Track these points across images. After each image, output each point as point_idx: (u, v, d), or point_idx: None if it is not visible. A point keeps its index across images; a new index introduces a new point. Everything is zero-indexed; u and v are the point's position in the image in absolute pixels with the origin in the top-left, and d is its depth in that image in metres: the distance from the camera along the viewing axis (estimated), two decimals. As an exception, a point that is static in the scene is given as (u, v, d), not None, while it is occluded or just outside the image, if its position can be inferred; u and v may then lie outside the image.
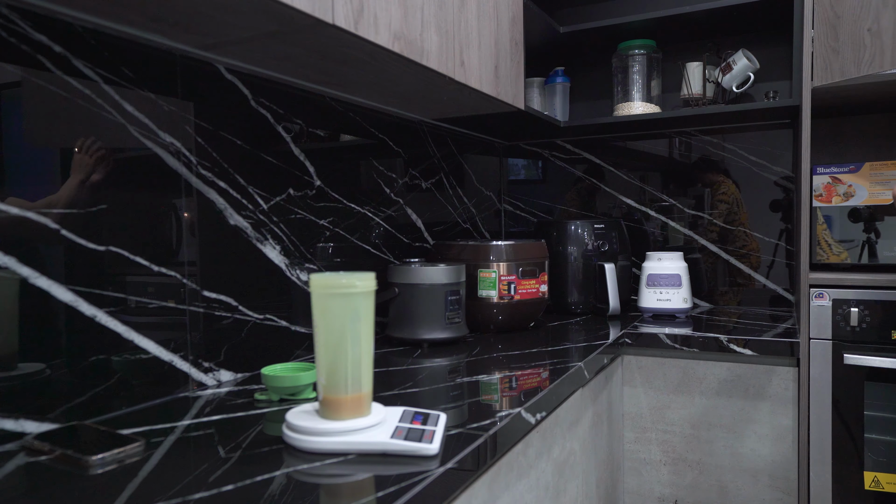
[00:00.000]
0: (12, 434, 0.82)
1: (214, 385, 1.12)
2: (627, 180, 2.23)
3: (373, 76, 1.27)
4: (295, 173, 1.32)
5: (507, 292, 1.60)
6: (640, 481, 1.69)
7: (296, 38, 1.00)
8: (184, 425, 0.89)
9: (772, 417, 1.56)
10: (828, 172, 1.68)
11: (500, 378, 1.14)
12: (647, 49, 2.02)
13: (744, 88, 1.93)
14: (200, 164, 1.10)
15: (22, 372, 0.83)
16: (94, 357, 0.92)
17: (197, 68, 1.10)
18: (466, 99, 1.52)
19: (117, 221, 0.96)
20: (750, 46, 2.02)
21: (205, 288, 1.11)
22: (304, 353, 1.34)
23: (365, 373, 0.80)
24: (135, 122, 0.99)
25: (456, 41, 1.32)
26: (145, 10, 0.87)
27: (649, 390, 1.67)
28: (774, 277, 2.04)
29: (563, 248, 1.95)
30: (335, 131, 1.46)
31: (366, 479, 0.69)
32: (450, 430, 0.84)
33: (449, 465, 0.72)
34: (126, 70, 0.97)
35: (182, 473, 0.71)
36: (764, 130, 2.04)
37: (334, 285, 0.77)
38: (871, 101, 1.77)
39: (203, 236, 1.11)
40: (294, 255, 1.32)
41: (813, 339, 1.54)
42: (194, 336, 1.08)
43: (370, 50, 1.08)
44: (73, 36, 0.90)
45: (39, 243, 0.85)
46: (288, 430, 0.80)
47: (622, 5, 2.21)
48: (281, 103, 1.29)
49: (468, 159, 2.11)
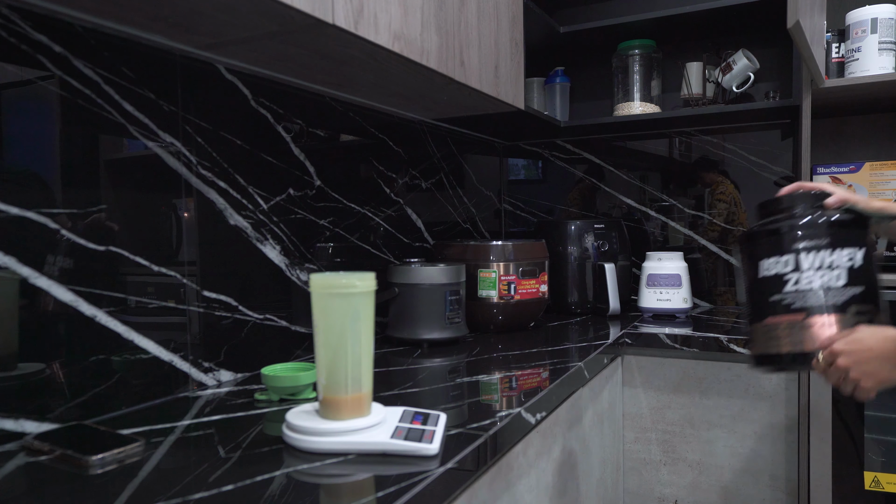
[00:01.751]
0: (12, 434, 0.82)
1: (214, 385, 1.12)
2: (627, 180, 2.23)
3: (373, 76, 1.27)
4: (295, 173, 1.32)
5: (507, 292, 1.60)
6: (640, 481, 1.69)
7: (296, 38, 1.00)
8: (184, 425, 0.89)
9: (772, 417, 1.56)
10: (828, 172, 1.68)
11: (500, 378, 1.14)
12: (647, 49, 2.02)
13: (744, 88, 1.93)
14: (200, 164, 1.10)
15: (22, 372, 0.83)
16: (94, 357, 0.92)
17: (197, 68, 1.10)
18: (466, 99, 1.52)
19: (117, 221, 0.96)
20: (750, 46, 2.02)
21: (205, 288, 1.11)
22: (304, 353, 1.34)
23: (365, 373, 0.80)
24: (135, 122, 0.99)
25: (456, 41, 1.32)
26: (145, 10, 0.87)
27: (649, 390, 1.67)
28: (774, 277, 2.04)
29: (563, 248, 1.95)
30: (335, 131, 1.46)
31: (366, 479, 0.69)
32: (450, 430, 0.84)
33: (449, 465, 0.72)
34: (126, 70, 0.97)
35: (182, 473, 0.71)
36: (764, 130, 2.04)
37: (334, 285, 0.77)
38: (871, 101, 1.77)
39: (203, 236, 1.11)
40: (294, 255, 1.32)
41: (813, 339, 1.53)
42: (194, 336, 1.08)
43: (370, 50, 1.08)
44: (73, 36, 0.90)
45: (39, 243, 0.85)
46: (288, 430, 0.80)
47: (622, 5, 2.21)
48: (281, 103, 1.29)
49: (468, 159, 2.11)
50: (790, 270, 0.89)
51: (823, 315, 0.87)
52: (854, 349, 0.83)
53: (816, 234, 0.88)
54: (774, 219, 0.92)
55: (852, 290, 0.87)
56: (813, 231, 0.88)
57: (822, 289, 0.87)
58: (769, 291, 0.90)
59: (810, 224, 0.88)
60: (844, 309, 0.87)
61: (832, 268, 0.87)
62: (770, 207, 0.95)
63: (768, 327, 0.91)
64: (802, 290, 0.88)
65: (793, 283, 0.88)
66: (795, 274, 0.88)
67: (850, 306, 0.87)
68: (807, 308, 0.87)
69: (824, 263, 0.87)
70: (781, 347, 0.90)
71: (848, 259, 0.87)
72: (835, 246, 0.87)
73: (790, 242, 0.89)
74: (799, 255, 0.88)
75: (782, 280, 0.89)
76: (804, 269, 0.88)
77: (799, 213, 0.91)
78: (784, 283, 0.89)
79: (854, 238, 0.88)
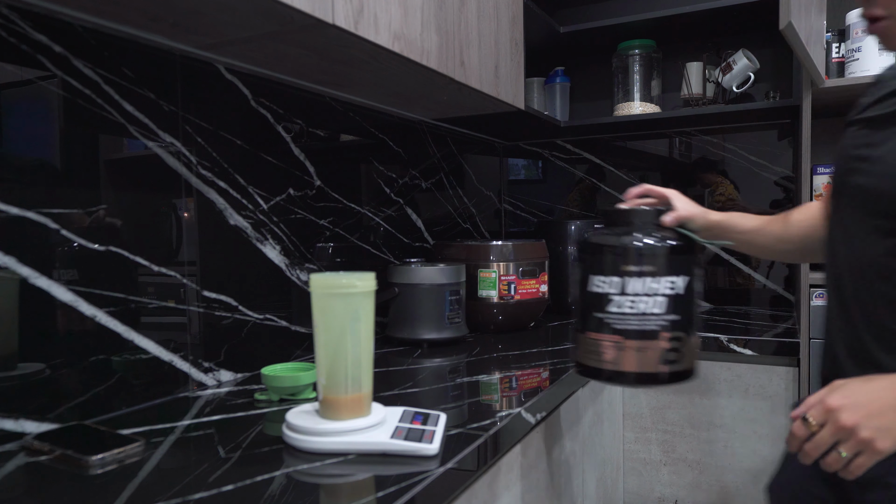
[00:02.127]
0: (12, 434, 0.82)
1: (214, 385, 1.12)
2: (628, 180, 2.23)
3: (373, 76, 1.27)
4: (295, 173, 1.32)
5: (507, 292, 1.60)
6: (640, 481, 1.69)
7: (296, 38, 1.00)
8: (184, 425, 0.89)
9: (772, 417, 1.56)
10: (827, 172, 1.68)
11: (500, 378, 1.14)
12: (647, 49, 2.02)
13: (744, 88, 1.93)
14: (200, 164, 1.10)
15: (22, 372, 0.83)
16: (94, 357, 0.92)
17: (197, 68, 1.10)
18: (466, 99, 1.52)
19: (117, 221, 0.96)
20: (750, 46, 2.02)
21: (205, 288, 1.11)
22: (304, 353, 1.34)
23: (365, 373, 0.80)
24: (135, 122, 0.99)
25: (456, 41, 1.32)
26: (145, 10, 0.87)
27: (649, 390, 1.67)
28: (774, 277, 2.04)
29: (563, 248, 1.95)
30: (335, 131, 1.46)
31: (366, 479, 0.69)
32: (450, 430, 0.84)
33: (449, 465, 0.72)
34: (126, 70, 0.97)
35: (182, 473, 0.71)
36: (764, 130, 2.04)
37: (334, 285, 0.77)
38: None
39: (203, 236, 1.11)
40: (294, 255, 1.32)
41: (813, 340, 1.53)
42: (194, 336, 1.08)
43: (370, 50, 1.08)
44: (73, 36, 0.90)
45: (39, 243, 0.85)
46: (288, 430, 0.80)
47: (622, 5, 2.21)
48: (281, 103, 1.29)
49: (468, 159, 2.11)
50: (615, 292, 0.92)
51: (639, 340, 0.91)
52: (859, 402, 0.66)
53: (643, 261, 0.91)
54: (612, 233, 0.95)
55: (669, 317, 0.91)
56: (641, 258, 0.91)
57: (641, 314, 0.91)
58: (594, 307, 0.93)
59: (639, 251, 0.91)
60: (657, 335, 0.91)
61: (654, 295, 0.90)
62: (612, 218, 0.98)
63: (590, 341, 0.94)
64: (624, 313, 0.91)
65: (615, 305, 0.92)
66: (619, 297, 0.92)
67: (664, 333, 0.91)
68: (624, 331, 0.91)
69: (648, 290, 0.90)
70: (601, 364, 0.93)
71: (670, 287, 0.91)
72: (659, 274, 0.91)
73: (619, 265, 0.92)
74: (624, 279, 0.91)
75: (607, 299, 0.92)
76: (628, 292, 0.91)
77: (633, 233, 0.94)
78: (608, 302, 0.92)
79: (679, 266, 0.92)
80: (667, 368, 0.91)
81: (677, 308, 0.91)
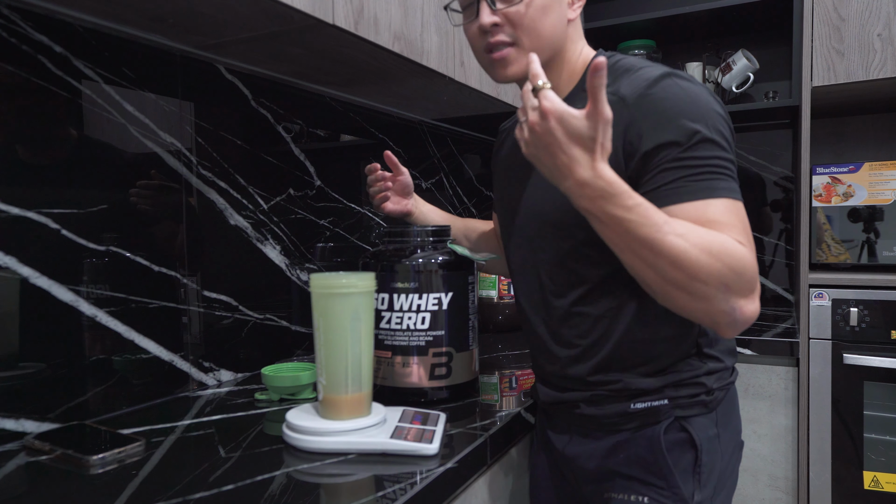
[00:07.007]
0: (12, 434, 0.82)
1: (215, 385, 1.12)
2: (627, 180, 2.23)
3: (373, 76, 1.27)
4: (295, 173, 1.32)
5: (507, 292, 1.60)
6: (640, 481, 1.69)
7: (296, 38, 1.00)
8: (184, 425, 0.89)
9: (771, 417, 1.56)
10: (827, 172, 1.68)
11: (500, 378, 1.14)
12: (647, 49, 2.02)
13: (744, 88, 1.93)
14: (200, 164, 1.10)
15: (22, 372, 0.83)
16: (95, 357, 0.92)
17: (197, 68, 1.10)
18: (466, 99, 1.52)
19: (117, 221, 0.96)
20: (750, 46, 2.02)
21: (205, 288, 1.11)
22: (304, 353, 1.34)
23: (365, 373, 0.80)
24: (135, 122, 0.99)
25: (456, 41, 1.32)
26: (145, 10, 0.87)
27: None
28: (774, 277, 2.04)
29: (563, 247, 1.95)
30: (335, 131, 1.46)
31: (366, 479, 0.69)
32: (450, 430, 0.84)
33: (449, 465, 0.73)
34: (126, 70, 0.97)
35: (182, 473, 0.71)
36: (763, 130, 2.04)
37: (334, 285, 0.77)
38: (870, 102, 1.77)
39: (203, 236, 1.11)
40: (294, 255, 1.32)
41: (812, 339, 1.54)
42: (194, 336, 1.09)
43: (370, 50, 1.08)
44: (74, 36, 0.90)
45: (39, 243, 0.85)
46: (288, 429, 0.80)
47: (622, 5, 2.21)
48: (281, 103, 1.29)
49: (468, 159, 2.11)
50: (385, 308, 0.94)
51: (405, 356, 0.93)
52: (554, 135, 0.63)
53: (409, 278, 0.93)
54: (384, 249, 0.97)
55: (434, 333, 0.93)
56: (406, 274, 0.93)
57: (407, 330, 0.93)
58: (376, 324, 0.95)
59: (406, 268, 0.93)
60: (426, 351, 0.93)
61: (419, 311, 0.93)
62: (393, 233, 0.99)
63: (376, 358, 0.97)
64: (392, 329, 0.93)
65: (385, 322, 0.94)
66: (388, 313, 0.94)
67: (431, 349, 0.93)
68: (393, 347, 0.94)
69: (413, 306, 0.92)
70: (378, 380, 0.96)
71: (434, 304, 0.93)
72: (423, 291, 0.93)
73: (387, 282, 0.94)
74: (392, 295, 0.93)
75: (380, 315, 0.94)
76: (395, 308, 0.93)
77: (406, 248, 0.96)
78: (380, 318, 0.94)
79: (445, 282, 0.94)
80: (437, 384, 0.94)
81: (444, 324, 0.93)
